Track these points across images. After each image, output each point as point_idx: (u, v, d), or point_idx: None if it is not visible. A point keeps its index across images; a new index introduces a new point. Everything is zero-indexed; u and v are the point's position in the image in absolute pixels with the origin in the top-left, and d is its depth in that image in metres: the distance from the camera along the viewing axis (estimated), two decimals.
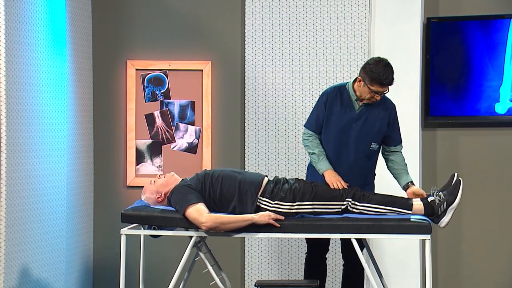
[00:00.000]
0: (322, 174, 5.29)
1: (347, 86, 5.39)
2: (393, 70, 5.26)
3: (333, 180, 5.20)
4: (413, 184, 5.30)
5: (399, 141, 5.46)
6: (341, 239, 5.55)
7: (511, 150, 6.39)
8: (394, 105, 5.45)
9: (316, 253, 5.60)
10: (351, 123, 5.34)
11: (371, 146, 5.38)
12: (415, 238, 5.28)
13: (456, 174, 5.05)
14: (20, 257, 5.44)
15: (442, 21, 6.39)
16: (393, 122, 5.41)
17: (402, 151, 5.47)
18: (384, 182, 5.76)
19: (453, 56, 6.38)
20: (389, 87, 5.29)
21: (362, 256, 4.93)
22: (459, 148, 6.47)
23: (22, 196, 5.45)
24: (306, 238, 5.62)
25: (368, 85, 5.24)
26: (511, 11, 6.32)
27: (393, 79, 5.25)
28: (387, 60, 5.29)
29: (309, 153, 5.43)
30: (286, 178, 5.17)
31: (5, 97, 5.28)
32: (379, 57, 5.33)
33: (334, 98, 5.38)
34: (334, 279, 6.44)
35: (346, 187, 5.14)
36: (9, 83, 5.32)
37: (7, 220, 5.29)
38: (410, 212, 4.98)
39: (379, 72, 5.21)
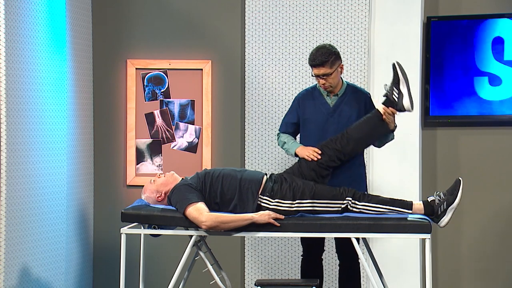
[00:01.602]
0: (296, 155, 5.32)
1: (317, 85, 5.50)
2: (325, 52, 5.31)
3: (306, 153, 5.24)
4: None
5: None
6: (335, 238, 5.56)
7: (511, 150, 6.39)
8: (368, 93, 5.54)
9: (313, 253, 5.61)
10: (328, 117, 5.43)
11: None
12: (415, 238, 5.28)
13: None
14: (20, 257, 5.44)
15: (442, 20, 6.39)
16: (370, 110, 5.40)
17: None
18: (382, 182, 5.77)
19: (453, 55, 6.38)
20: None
21: (362, 256, 4.93)
22: (459, 148, 6.47)
23: (22, 196, 5.45)
24: (301, 240, 5.63)
25: (312, 72, 5.39)
26: (511, 10, 6.33)
27: (323, 58, 5.29)
28: (327, 44, 5.40)
29: (282, 146, 5.53)
30: (284, 176, 5.16)
31: (5, 97, 5.28)
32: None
33: (306, 99, 5.52)
34: (332, 279, 6.44)
35: (319, 152, 5.17)
36: (9, 83, 5.32)
37: (7, 220, 5.29)
38: (410, 211, 4.98)
39: (310, 54, 5.36)
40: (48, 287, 5.78)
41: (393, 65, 5.18)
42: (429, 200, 4.99)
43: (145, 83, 6.58)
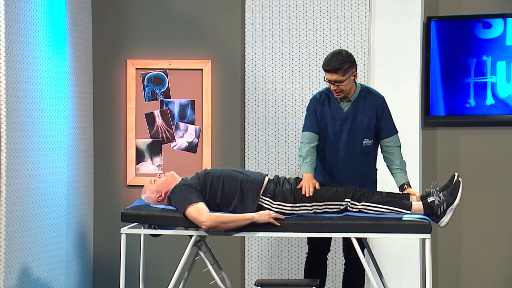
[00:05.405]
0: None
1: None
2: (340, 59, 5.23)
3: (305, 183, 5.11)
4: (409, 186, 5.26)
5: (392, 132, 5.41)
6: (343, 239, 5.55)
7: (511, 150, 6.39)
8: (382, 97, 5.43)
9: (318, 253, 5.60)
10: (342, 124, 5.35)
11: (364, 142, 5.39)
12: (416, 238, 5.28)
13: (456, 174, 5.03)
14: (20, 257, 5.44)
15: (442, 20, 6.39)
16: (382, 115, 5.37)
17: (400, 147, 5.43)
18: (385, 179, 5.75)
19: (453, 55, 6.38)
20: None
21: (362, 256, 4.93)
22: (459, 148, 6.47)
23: (22, 196, 5.45)
24: (308, 239, 5.63)
25: (325, 76, 5.31)
26: (511, 10, 6.33)
27: (337, 64, 5.21)
28: (344, 50, 5.31)
29: (299, 156, 5.42)
30: (286, 178, 5.17)
31: (5, 97, 5.28)
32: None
33: (323, 103, 5.43)
34: (335, 279, 6.44)
35: (317, 187, 5.08)
36: (9, 83, 5.32)
37: (7, 220, 5.29)
38: (409, 212, 4.98)
39: (325, 59, 5.29)
40: (48, 287, 5.78)
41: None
42: (428, 201, 4.99)
43: (145, 83, 6.58)
